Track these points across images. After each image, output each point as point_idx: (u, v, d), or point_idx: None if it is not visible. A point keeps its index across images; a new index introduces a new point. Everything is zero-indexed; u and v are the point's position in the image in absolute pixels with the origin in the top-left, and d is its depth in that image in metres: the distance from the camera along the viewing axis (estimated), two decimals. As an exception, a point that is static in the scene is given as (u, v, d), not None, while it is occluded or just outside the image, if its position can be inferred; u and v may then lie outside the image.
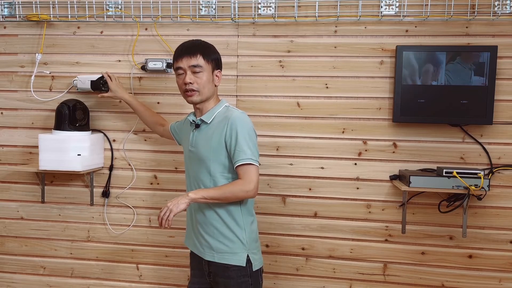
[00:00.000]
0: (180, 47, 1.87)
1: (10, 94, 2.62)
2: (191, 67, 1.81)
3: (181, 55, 1.82)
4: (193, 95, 1.83)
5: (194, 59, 1.80)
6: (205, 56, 1.83)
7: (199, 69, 1.81)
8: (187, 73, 1.81)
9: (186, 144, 1.95)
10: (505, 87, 2.26)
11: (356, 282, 2.43)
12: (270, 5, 2.37)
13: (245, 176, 1.76)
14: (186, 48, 1.83)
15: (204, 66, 1.82)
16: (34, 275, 2.67)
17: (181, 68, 1.83)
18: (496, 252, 2.33)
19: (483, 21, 2.27)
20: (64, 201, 2.61)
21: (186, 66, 1.81)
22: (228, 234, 1.84)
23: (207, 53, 1.84)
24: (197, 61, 1.81)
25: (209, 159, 1.82)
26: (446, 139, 2.32)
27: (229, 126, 1.78)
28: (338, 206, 2.41)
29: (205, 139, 1.84)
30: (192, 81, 1.81)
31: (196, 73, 1.81)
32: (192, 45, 1.85)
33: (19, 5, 2.53)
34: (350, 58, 2.36)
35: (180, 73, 1.84)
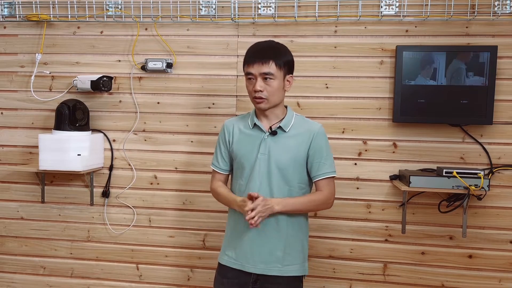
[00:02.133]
0: (252, 50, 1.77)
1: (10, 94, 2.62)
2: (262, 74, 1.72)
3: (252, 60, 1.73)
4: (262, 102, 1.75)
5: (266, 66, 1.71)
6: (278, 62, 1.72)
7: (270, 77, 1.72)
8: (257, 79, 1.72)
9: (251, 151, 1.80)
10: (505, 87, 2.26)
11: (356, 282, 2.43)
12: (270, 5, 2.37)
13: (328, 188, 1.81)
14: (259, 53, 1.74)
15: (275, 74, 1.72)
16: (34, 275, 2.67)
17: (251, 74, 1.74)
18: (496, 252, 2.33)
19: (483, 21, 2.27)
20: (64, 201, 2.61)
21: (257, 73, 1.72)
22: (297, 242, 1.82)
23: (280, 59, 1.73)
24: (269, 69, 1.71)
25: (288, 168, 1.77)
26: (446, 139, 2.32)
27: (316, 139, 1.79)
28: (338, 206, 2.41)
29: (283, 148, 1.78)
30: (262, 88, 1.72)
31: (267, 80, 1.72)
32: (265, 49, 1.75)
33: (19, 5, 2.53)
34: (350, 58, 2.36)
35: (250, 77, 1.75)
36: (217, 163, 1.92)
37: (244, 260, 1.79)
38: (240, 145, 1.84)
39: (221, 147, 1.90)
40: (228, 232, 1.89)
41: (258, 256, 1.78)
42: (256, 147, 1.79)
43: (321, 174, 1.79)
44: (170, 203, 2.53)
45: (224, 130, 1.89)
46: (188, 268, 2.55)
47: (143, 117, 2.52)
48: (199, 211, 2.50)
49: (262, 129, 1.81)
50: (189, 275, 2.55)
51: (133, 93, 2.50)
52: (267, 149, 1.78)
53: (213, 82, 2.45)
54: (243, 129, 1.85)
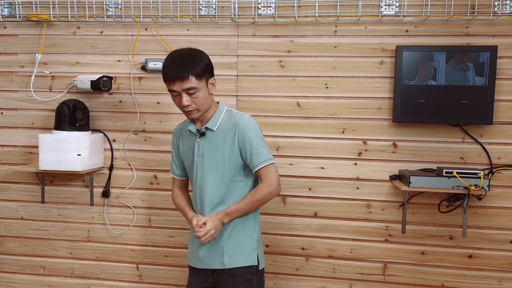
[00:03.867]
0: (168, 69, 1.73)
1: (10, 94, 2.62)
2: (185, 90, 1.71)
3: (172, 79, 1.71)
4: (193, 113, 1.77)
5: (187, 81, 1.69)
6: (197, 74, 1.71)
7: (194, 90, 1.72)
8: (182, 95, 1.72)
9: (189, 154, 1.87)
10: (505, 87, 2.26)
11: (356, 282, 2.43)
12: (270, 5, 2.37)
13: (267, 177, 1.79)
14: (176, 69, 1.71)
15: (198, 86, 1.72)
16: (34, 275, 2.67)
17: (175, 91, 1.73)
18: (496, 252, 2.33)
19: (483, 21, 2.27)
20: (64, 201, 2.61)
21: (180, 90, 1.71)
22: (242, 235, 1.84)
23: (198, 69, 1.71)
24: (190, 83, 1.70)
25: (221, 166, 1.80)
26: (446, 139, 2.32)
27: (241, 133, 1.78)
28: (338, 206, 2.41)
29: (213, 146, 1.81)
30: (189, 102, 1.73)
31: (192, 94, 1.72)
32: (181, 66, 1.71)
33: (19, 5, 2.53)
34: (350, 58, 2.36)
35: (174, 94, 1.75)
36: (172, 169, 1.99)
37: (197, 259, 1.89)
38: (183, 151, 1.92)
39: (173, 153, 1.98)
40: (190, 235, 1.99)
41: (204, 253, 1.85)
42: (191, 150, 1.86)
43: (256, 165, 1.78)
44: (170, 203, 2.51)
45: (173, 136, 1.97)
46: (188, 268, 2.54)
47: (143, 117, 2.52)
48: (199, 211, 2.50)
49: (194, 132, 1.84)
50: (189, 275, 2.54)
51: (133, 93, 2.50)
52: (200, 151, 1.83)
53: (213, 82, 2.45)
54: (184, 135, 1.91)
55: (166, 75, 1.74)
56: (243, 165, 1.82)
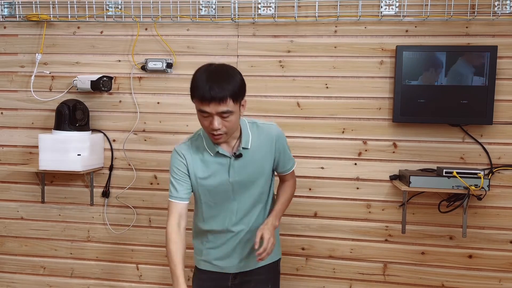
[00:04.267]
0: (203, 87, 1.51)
1: (10, 94, 2.62)
2: (220, 113, 1.53)
3: (207, 100, 1.50)
4: (221, 138, 1.59)
5: (224, 105, 1.51)
6: (235, 97, 1.53)
7: (228, 114, 1.53)
8: (214, 117, 1.53)
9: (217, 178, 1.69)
10: (505, 87, 2.26)
11: (356, 282, 2.43)
12: (270, 5, 2.37)
13: (293, 177, 1.88)
14: (214, 89, 1.49)
15: (234, 109, 1.54)
16: (34, 275, 2.67)
17: (207, 112, 1.53)
18: (496, 252, 2.33)
19: (483, 21, 2.27)
20: (64, 201, 2.62)
21: (214, 112, 1.52)
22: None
23: (236, 91, 1.54)
24: (227, 107, 1.51)
25: (259, 181, 1.73)
26: (446, 139, 2.32)
27: (278, 144, 1.74)
28: (338, 206, 2.41)
29: (250, 165, 1.69)
30: (221, 125, 1.55)
31: (224, 117, 1.54)
32: (220, 86, 1.50)
33: (19, 5, 2.53)
34: (350, 58, 2.36)
35: (205, 115, 1.55)
36: (175, 192, 1.69)
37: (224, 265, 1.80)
38: (206, 175, 1.69)
39: (177, 175, 1.69)
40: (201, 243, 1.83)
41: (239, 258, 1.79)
42: (224, 174, 1.68)
43: (289, 169, 1.84)
44: (170, 203, 2.53)
45: (180, 158, 1.69)
46: (188, 268, 2.54)
47: (143, 117, 2.52)
48: (199, 211, 2.51)
49: (225, 155, 1.67)
50: (189, 275, 2.54)
51: (133, 93, 2.50)
52: (236, 173, 1.69)
53: (213, 82, 2.45)
54: (204, 158, 1.68)
55: (201, 94, 1.51)
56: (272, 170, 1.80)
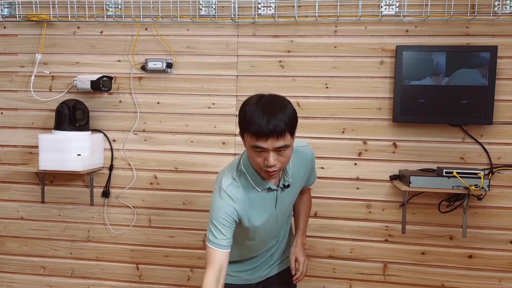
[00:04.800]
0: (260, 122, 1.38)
1: (10, 94, 2.62)
2: (276, 148, 1.41)
3: (265, 135, 1.38)
4: (275, 174, 1.49)
5: (282, 139, 1.40)
6: (291, 131, 1.43)
7: (284, 149, 1.43)
8: (270, 153, 1.42)
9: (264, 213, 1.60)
10: (505, 87, 2.26)
11: (356, 282, 2.43)
12: (270, 5, 2.37)
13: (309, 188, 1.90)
14: (272, 126, 1.37)
15: (290, 142, 1.44)
16: (34, 275, 2.67)
17: (262, 148, 1.41)
18: (496, 252, 2.33)
19: (483, 21, 2.27)
20: (64, 201, 2.61)
21: (271, 148, 1.41)
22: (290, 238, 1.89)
23: (293, 125, 1.44)
24: (285, 141, 1.41)
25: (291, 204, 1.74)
26: (446, 139, 2.32)
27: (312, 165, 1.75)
28: (338, 206, 2.41)
29: (292, 192, 1.67)
30: (276, 161, 1.43)
31: (281, 152, 1.43)
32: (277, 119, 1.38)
33: (19, 5, 2.53)
34: (350, 58, 2.36)
35: (259, 151, 1.43)
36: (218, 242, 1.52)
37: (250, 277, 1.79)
38: (256, 215, 1.58)
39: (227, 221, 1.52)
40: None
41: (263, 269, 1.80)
42: (271, 208, 1.61)
43: (311, 183, 1.85)
44: (170, 203, 2.53)
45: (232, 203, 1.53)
46: (188, 268, 2.55)
47: (143, 117, 2.52)
48: (199, 211, 2.50)
49: (273, 188, 1.58)
50: (189, 275, 2.55)
51: (133, 93, 2.50)
52: (282, 203, 1.64)
53: (213, 82, 2.45)
54: (251, 195, 1.56)
55: (257, 129, 1.38)
56: None
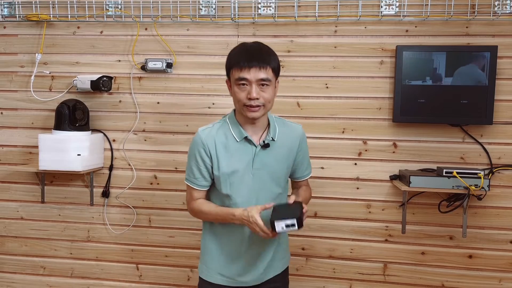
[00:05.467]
0: (244, 53, 1.56)
1: (10, 94, 2.62)
2: (259, 81, 1.55)
3: (248, 64, 1.53)
4: (258, 111, 1.57)
5: (264, 71, 1.54)
6: (274, 67, 1.58)
7: (267, 83, 1.56)
8: (253, 86, 1.54)
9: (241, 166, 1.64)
10: (505, 87, 2.26)
11: (356, 282, 2.43)
12: (270, 5, 2.37)
13: (308, 184, 1.89)
14: (255, 56, 1.55)
15: (272, 80, 1.58)
16: (34, 275, 2.67)
17: (246, 80, 1.54)
18: (496, 252, 2.33)
19: (483, 21, 2.27)
20: (64, 201, 2.61)
21: (253, 79, 1.54)
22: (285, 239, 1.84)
23: (276, 63, 1.60)
24: (267, 74, 1.55)
25: (282, 177, 1.71)
26: (446, 139, 2.32)
27: (301, 143, 1.75)
28: (338, 206, 2.41)
29: (276, 158, 1.67)
30: (259, 96, 1.55)
31: (263, 86, 1.56)
32: (261, 52, 1.57)
33: (19, 5, 2.53)
34: (350, 58, 2.36)
35: (243, 83, 1.56)
36: (195, 179, 1.67)
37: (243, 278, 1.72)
38: (228, 163, 1.64)
39: (198, 162, 1.65)
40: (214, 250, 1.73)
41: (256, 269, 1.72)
42: (248, 162, 1.64)
43: (306, 175, 1.84)
44: (170, 203, 2.53)
45: (203, 147, 1.63)
46: (188, 268, 2.55)
47: (143, 117, 2.52)
48: (199, 211, 2.50)
49: (252, 142, 1.64)
50: (189, 275, 2.55)
51: (133, 93, 2.50)
52: (260, 163, 1.65)
53: (213, 82, 2.45)
54: (227, 143, 1.64)
55: (241, 59, 1.54)
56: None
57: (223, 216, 1.63)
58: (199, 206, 1.68)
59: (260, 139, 1.66)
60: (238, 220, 1.59)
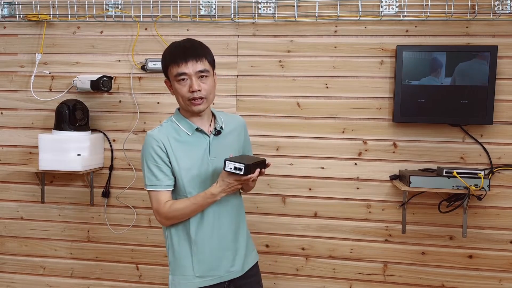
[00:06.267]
0: (178, 49, 1.63)
1: (10, 94, 2.62)
2: (198, 73, 1.60)
3: (184, 59, 1.59)
4: (202, 103, 1.62)
5: (201, 63, 1.60)
6: (209, 59, 1.65)
7: (206, 74, 1.62)
8: (192, 79, 1.60)
9: (198, 157, 1.66)
10: (505, 87, 2.26)
11: (356, 282, 2.43)
12: (270, 5, 2.37)
13: None
14: (190, 50, 1.62)
15: (210, 70, 1.64)
16: (34, 275, 2.67)
17: (185, 74, 1.60)
18: (496, 252, 2.33)
19: (483, 21, 2.27)
20: (64, 201, 2.61)
21: (192, 72, 1.59)
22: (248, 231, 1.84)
23: (210, 55, 1.66)
24: (204, 65, 1.61)
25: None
26: (446, 139, 2.32)
27: (244, 131, 1.81)
28: (338, 206, 2.41)
29: (228, 146, 1.71)
30: (200, 87, 1.60)
31: (202, 78, 1.62)
32: (195, 47, 1.64)
33: (19, 5, 2.53)
34: (350, 58, 2.36)
35: (183, 78, 1.61)
36: (159, 180, 1.63)
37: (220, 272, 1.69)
38: (185, 156, 1.65)
39: (156, 161, 1.63)
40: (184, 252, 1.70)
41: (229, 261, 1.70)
42: (204, 152, 1.67)
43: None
44: (170, 203, 2.53)
45: (158, 144, 1.63)
46: (188, 268, 2.54)
47: (143, 117, 2.52)
48: (199, 211, 2.50)
49: (204, 132, 1.68)
50: None
51: (133, 93, 2.50)
52: (215, 152, 1.68)
53: (213, 82, 2.45)
54: (180, 138, 1.66)
55: (177, 55, 1.60)
56: None
57: (202, 202, 1.61)
58: (172, 206, 1.63)
59: (211, 129, 1.71)
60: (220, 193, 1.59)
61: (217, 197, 1.60)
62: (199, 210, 1.64)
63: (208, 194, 1.59)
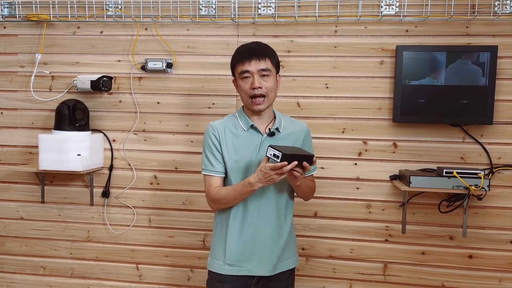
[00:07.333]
0: (244, 49, 1.76)
1: (10, 94, 2.62)
2: (260, 71, 1.72)
3: (248, 58, 1.71)
4: (262, 102, 1.73)
5: (263, 62, 1.72)
6: (272, 60, 1.75)
7: (267, 73, 1.73)
8: (255, 76, 1.71)
9: (248, 153, 1.76)
10: (505, 87, 2.26)
11: (356, 282, 2.43)
12: (270, 5, 2.37)
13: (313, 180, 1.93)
14: (254, 50, 1.74)
15: (272, 70, 1.74)
16: (34, 275, 2.67)
17: (248, 72, 1.72)
18: (496, 252, 2.33)
19: (483, 21, 2.27)
20: (64, 201, 2.61)
21: (254, 70, 1.71)
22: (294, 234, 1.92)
23: (274, 57, 1.77)
24: (266, 64, 1.72)
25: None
26: (446, 139, 2.32)
27: (307, 138, 1.87)
28: (338, 206, 2.41)
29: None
30: (261, 85, 1.71)
31: (264, 76, 1.73)
32: (259, 47, 1.76)
33: (19, 5, 2.53)
34: (350, 58, 2.36)
35: (246, 76, 1.73)
36: (212, 166, 1.78)
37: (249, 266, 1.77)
38: (236, 149, 1.77)
39: (212, 150, 1.78)
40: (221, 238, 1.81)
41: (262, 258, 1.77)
42: (254, 149, 1.76)
43: (312, 171, 1.88)
44: (170, 203, 2.53)
45: (214, 132, 1.78)
46: (188, 268, 2.55)
47: (143, 117, 2.52)
48: (199, 211, 2.50)
49: (259, 130, 1.78)
50: (189, 275, 2.55)
51: (133, 93, 2.50)
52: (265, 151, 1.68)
53: (213, 82, 2.45)
54: (236, 132, 1.79)
55: (242, 55, 1.74)
56: None
57: (241, 190, 1.70)
58: (218, 192, 1.76)
59: (266, 129, 1.79)
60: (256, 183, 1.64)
61: (254, 187, 1.65)
62: (240, 198, 1.73)
63: (246, 182, 1.67)
